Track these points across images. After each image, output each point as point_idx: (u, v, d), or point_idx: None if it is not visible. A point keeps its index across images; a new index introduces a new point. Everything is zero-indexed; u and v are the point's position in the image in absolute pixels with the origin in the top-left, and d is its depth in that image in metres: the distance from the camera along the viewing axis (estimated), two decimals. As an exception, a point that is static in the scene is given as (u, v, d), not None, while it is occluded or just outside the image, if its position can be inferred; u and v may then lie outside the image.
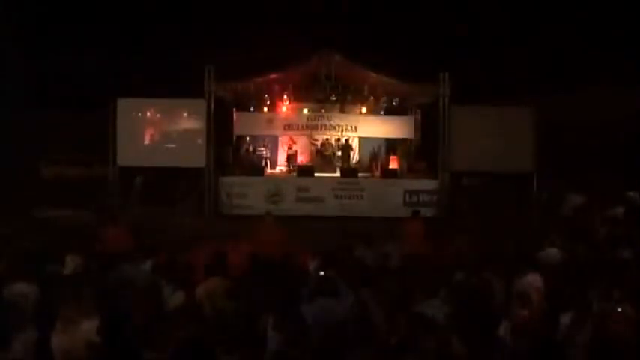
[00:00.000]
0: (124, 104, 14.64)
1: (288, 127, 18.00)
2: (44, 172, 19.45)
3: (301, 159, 18.23)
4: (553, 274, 6.20)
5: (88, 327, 4.32)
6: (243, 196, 14.37)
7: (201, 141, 14.39)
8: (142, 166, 14.60)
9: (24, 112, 19.20)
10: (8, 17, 21.08)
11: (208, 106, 14.41)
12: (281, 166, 18.35)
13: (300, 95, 17.23)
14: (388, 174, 15.68)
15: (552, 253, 7.29)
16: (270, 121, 17.77)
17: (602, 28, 20.02)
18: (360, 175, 15.65)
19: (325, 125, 18.05)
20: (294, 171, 16.64)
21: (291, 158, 17.79)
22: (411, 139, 18.15)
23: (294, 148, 18.18)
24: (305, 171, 15.65)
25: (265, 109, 17.71)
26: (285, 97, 17.18)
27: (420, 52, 20.16)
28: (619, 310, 4.78)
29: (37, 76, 22.21)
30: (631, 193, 11.55)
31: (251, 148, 17.75)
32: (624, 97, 17.69)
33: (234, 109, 17.79)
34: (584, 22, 20.32)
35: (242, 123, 17.91)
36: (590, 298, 5.16)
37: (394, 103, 17.58)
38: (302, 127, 18.03)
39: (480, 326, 4.55)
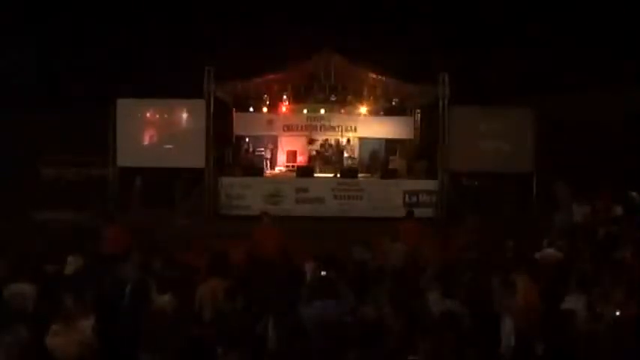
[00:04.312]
0: (123, 104, 14.65)
1: (288, 127, 18.06)
2: (44, 172, 19.46)
3: (300, 159, 18.26)
4: (551, 274, 6.21)
5: (85, 327, 4.33)
6: (243, 196, 14.37)
7: (200, 141, 14.38)
8: (142, 166, 14.59)
9: (24, 112, 19.17)
10: (7, 18, 21.07)
11: (208, 106, 14.42)
12: (280, 167, 18.38)
13: (299, 96, 17.27)
14: (388, 174, 15.68)
15: (551, 253, 7.30)
16: (269, 122, 17.83)
17: (602, 28, 20.01)
18: (359, 175, 15.67)
19: (325, 125, 18.11)
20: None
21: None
22: (410, 140, 18.18)
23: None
24: (304, 171, 15.65)
25: (265, 109, 17.75)
26: (284, 97, 17.22)
27: (419, 53, 20.16)
28: (618, 310, 4.79)
29: (36, 76, 22.21)
30: (631, 193, 11.54)
31: (251, 149, 17.77)
32: (624, 97, 17.68)
33: (233, 110, 17.82)
34: (584, 22, 20.31)
35: (242, 123, 17.95)
36: (589, 298, 5.16)
37: (394, 104, 17.61)
38: (301, 127, 18.10)
39: (481, 325, 4.56)
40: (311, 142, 18.11)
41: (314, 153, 17.93)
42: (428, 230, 9.83)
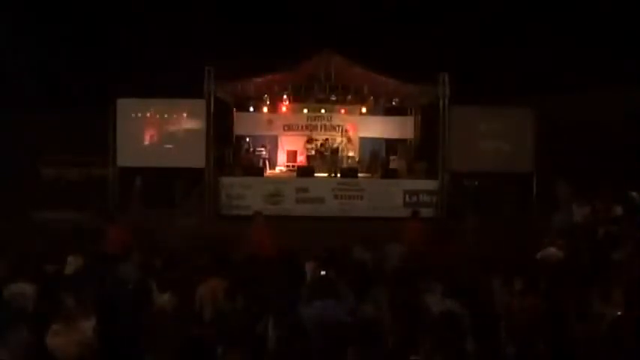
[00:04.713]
0: (123, 104, 14.65)
1: (288, 127, 18.11)
2: (44, 172, 19.45)
3: (301, 159, 18.27)
4: (552, 273, 6.21)
5: (85, 327, 4.33)
6: (243, 196, 14.37)
7: (200, 141, 14.38)
8: (142, 166, 14.59)
9: (24, 112, 19.18)
10: (7, 17, 21.07)
11: (208, 106, 14.41)
12: (281, 166, 18.39)
13: (300, 95, 17.29)
14: (388, 174, 15.68)
15: (552, 252, 7.30)
16: (270, 122, 17.87)
17: (602, 28, 20.00)
18: (359, 175, 15.66)
19: (325, 125, 18.15)
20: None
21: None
22: (411, 140, 18.20)
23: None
24: (305, 171, 15.66)
25: (265, 109, 17.77)
26: (285, 97, 17.23)
27: (419, 53, 20.15)
28: (618, 310, 4.79)
29: (37, 76, 22.20)
30: (631, 193, 11.54)
31: (251, 149, 17.77)
32: (624, 97, 17.68)
33: (234, 110, 17.83)
34: (584, 22, 20.30)
35: (242, 123, 17.99)
36: (589, 298, 5.16)
37: (394, 104, 17.62)
38: (302, 127, 18.14)
39: (481, 325, 4.57)
40: (309, 141, 18.11)
41: (312, 152, 17.95)
42: (429, 230, 9.84)
